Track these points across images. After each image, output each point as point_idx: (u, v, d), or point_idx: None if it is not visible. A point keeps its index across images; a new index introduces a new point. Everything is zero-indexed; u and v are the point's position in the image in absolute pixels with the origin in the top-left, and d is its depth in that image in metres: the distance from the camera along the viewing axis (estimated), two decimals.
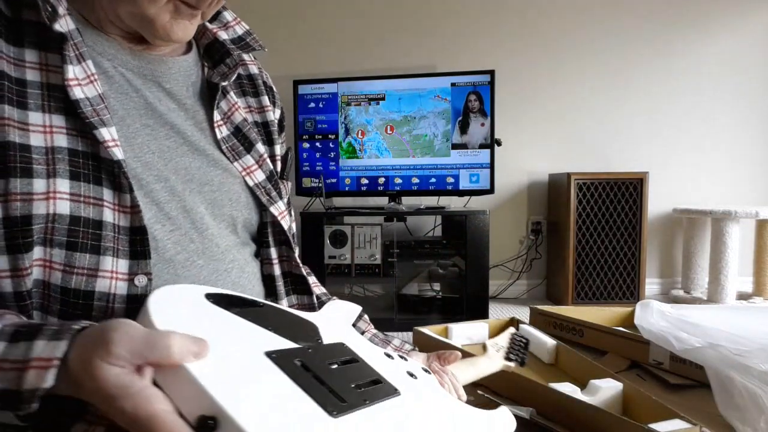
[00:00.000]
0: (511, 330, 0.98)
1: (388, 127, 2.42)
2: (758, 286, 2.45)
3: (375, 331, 0.80)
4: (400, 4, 2.72)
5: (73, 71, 0.50)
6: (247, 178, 0.65)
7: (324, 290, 0.82)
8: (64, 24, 0.51)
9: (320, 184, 2.40)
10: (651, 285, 2.68)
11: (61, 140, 0.49)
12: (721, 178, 2.71)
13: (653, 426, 0.98)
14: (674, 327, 1.45)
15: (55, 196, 0.48)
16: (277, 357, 0.43)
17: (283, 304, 0.68)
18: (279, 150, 0.74)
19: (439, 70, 2.62)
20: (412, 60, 2.71)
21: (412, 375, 0.59)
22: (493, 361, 0.84)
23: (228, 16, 0.69)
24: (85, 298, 0.49)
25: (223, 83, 0.64)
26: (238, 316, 0.47)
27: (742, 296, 2.46)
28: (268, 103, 0.73)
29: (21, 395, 0.38)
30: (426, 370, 0.65)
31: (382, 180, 2.44)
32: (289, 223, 0.70)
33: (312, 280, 0.79)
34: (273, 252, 0.68)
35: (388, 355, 0.60)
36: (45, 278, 0.49)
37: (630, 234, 2.41)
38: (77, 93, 0.50)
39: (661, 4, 2.66)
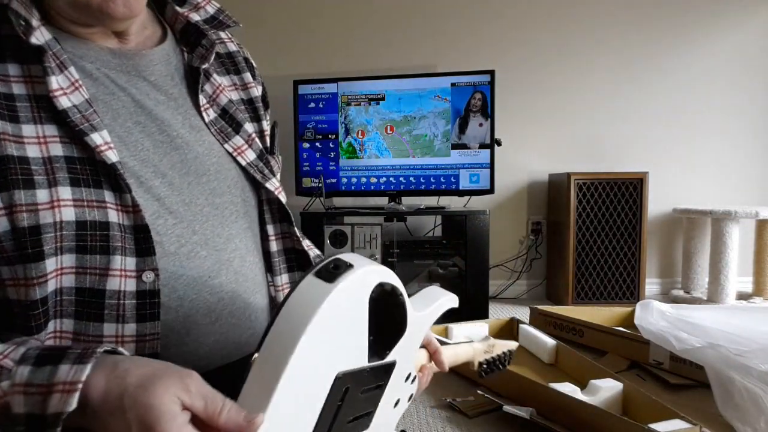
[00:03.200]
0: (512, 346, 0.88)
1: (388, 127, 2.42)
2: (758, 286, 2.45)
3: None
4: (400, 4, 2.72)
5: (56, 81, 0.51)
6: (239, 158, 0.65)
7: (317, 252, 0.81)
8: (40, 35, 0.51)
9: (320, 184, 2.40)
10: (651, 285, 2.68)
11: (57, 149, 0.50)
12: (721, 178, 2.71)
13: (653, 426, 0.98)
14: (674, 327, 1.45)
15: (60, 204, 0.49)
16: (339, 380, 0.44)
17: (278, 281, 0.68)
18: (266, 126, 0.74)
19: (439, 70, 2.62)
20: (412, 60, 2.71)
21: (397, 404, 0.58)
22: (470, 354, 0.78)
23: None
24: (97, 297, 0.50)
25: (204, 66, 0.64)
26: None
27: (742, 296, 2.46)
28: (251, 79, 0.73)
29: (45, 419, 0.38)
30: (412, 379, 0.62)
31: (382, 180, 2.44)
32: (285, 198, 0.70)
33: (307, 243, 0.79)
34: (270, 229, 0.68)
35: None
36: (58, 286, 0.49)
37: (630, 234, 2.41)
38: (63, 102, 0.50)
39: (662, 5, 2.66)
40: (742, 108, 2.68)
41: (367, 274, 0.44)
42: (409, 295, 0.59)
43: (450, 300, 0.61)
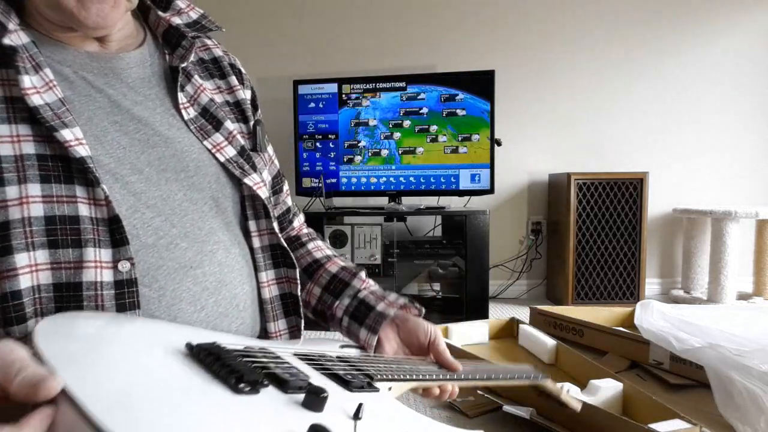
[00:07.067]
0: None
1: (388, 126, 2.42)
2: (758, 286, 2.45)
3: (373, 288, 0.79)
4: (400, 4, 2.72)
5: (29, 80, 0.52)
6: (218, 155, 0.66)
7: (327, 253, 0.81)
8: (17, 38, 0.53)
9: (320, 184, 2.40)
10: (651, 285, 2.68)
11: (29, 147, 0.52)
12: (721, 178, 2.71)
13: (653, 426, 0.98)
14: (674, 327, 1.45)
15: (28, 201, 0.50)
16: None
17: (263, 278, 0.68)
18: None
19: (439, 70, 2.62)
20: (412, 60, 2.71)
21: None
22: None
23: (181, 3, 0.70)
24: (74, 290, 0.51)
25: (182, 65, 0.66)
26: None
27: (742, 296, 2.46)
28: (236, 83, 0.74)
29: None
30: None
31: (382, 180, 2.44)
32: (267, 193, 0.70)
33: (313, 246, 0.80)
34: (252, 225, 0.69)
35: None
36: (34, 283, 0.51)
37: (630, 234, 2.41)
38: (36, 100, 0.52)
39: (662, 5, 2.66)
40: (742, 108, 2.68)
41: None
42: None
43: None
